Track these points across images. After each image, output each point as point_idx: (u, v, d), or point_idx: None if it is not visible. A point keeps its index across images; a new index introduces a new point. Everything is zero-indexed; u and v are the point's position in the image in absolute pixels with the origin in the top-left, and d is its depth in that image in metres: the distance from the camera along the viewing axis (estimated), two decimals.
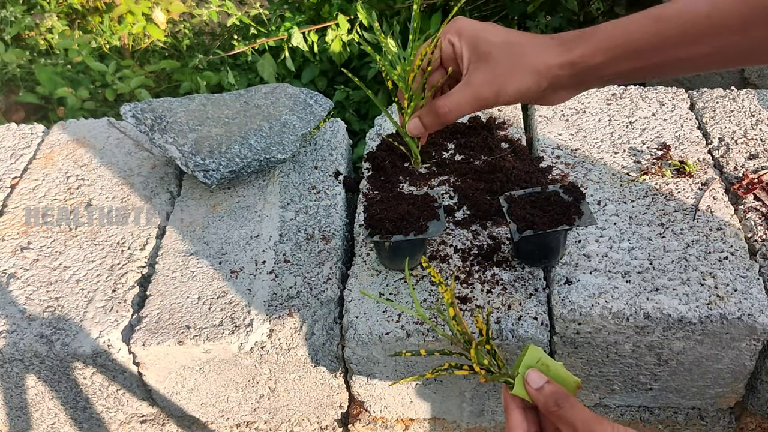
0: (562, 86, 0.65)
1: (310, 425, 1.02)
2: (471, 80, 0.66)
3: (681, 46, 0.59)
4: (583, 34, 0.62)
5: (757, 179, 0.98)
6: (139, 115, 1.07)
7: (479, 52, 0.66)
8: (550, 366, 0.62)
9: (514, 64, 0.64)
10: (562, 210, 0.84)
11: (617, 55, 0.61)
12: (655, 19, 0.59)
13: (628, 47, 0.60)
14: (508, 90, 0.64)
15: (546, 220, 0.83)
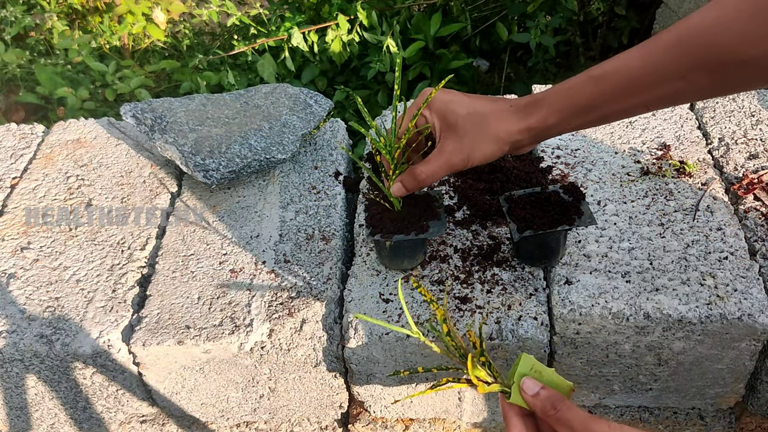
0: (522, 146, 0.75)
1: (310, 425, 1.02)
2: (443, 149, 0.76)
3: (621, 100, 0.65)
4: (536, 101, 0.71)
5: (757, 179, 0.98)
6: (139, 115, 1.07)
7: (448, 123, 0.76)
8: (543, 372, 0.64)
9: (478, 134, 0.74)
10: (562, 210, 0.84)
11: (566, 115, 0.69)
12: (594, 79, 0.66)
13: (575, 107, 0.68)
14: (475, 156, 0.75)
15: (546, 220, 0.83)
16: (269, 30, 2.28)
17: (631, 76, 0.64)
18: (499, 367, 0.88)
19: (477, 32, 2.24)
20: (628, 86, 0.64)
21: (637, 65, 0.63)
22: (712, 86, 0.61)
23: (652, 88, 0.63)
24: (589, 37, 2.34)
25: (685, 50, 0.60)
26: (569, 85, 0.69)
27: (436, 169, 0.77)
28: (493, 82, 2.33)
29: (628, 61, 0.64)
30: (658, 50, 0.62)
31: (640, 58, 0.63)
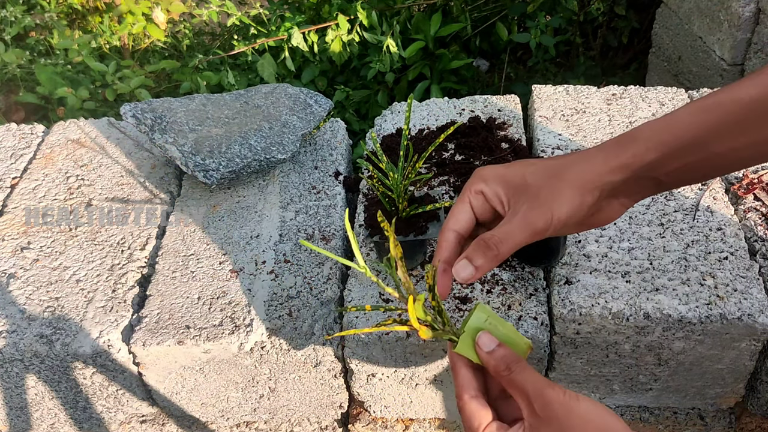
0: (615, 194, 0.59)
1: (310, 425, 1.02)
2: (516, 209, 0.59)
3: (732, 136, 0.55)
4: (630, 134, 0.58)
5: (757, 179, 0.98)
6: (139, 115, 1.07)
7: (516, 186, 0.60)
8: (500, 326, 0.59)
9: (558, 184, 0.58)
10: None
11: (668, 151, 0.56)
12: (700, 109, 0.56)
13: (678, 142, 0.56)
14: (560, 210, 0.57)
15: None
16: (269, 30, 2.28)
17: (744, 106, 0.54)
18: None
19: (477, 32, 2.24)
20: (741, 119, 0.54)
21: (749, 96, 0.54)
22: None
23: (765, 126, 0.54)
24: (589, 37, 2.34)
25: None
26: (671, 116, 0.58)
27: (511, 230, 0.58)
28: (493, 82, 2.33)
29: (741, 89, 0.55)
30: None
31: (756, 86, 0.54)
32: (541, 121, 1.13)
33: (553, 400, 0.53)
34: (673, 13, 2.00)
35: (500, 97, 1.20)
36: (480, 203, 0.62)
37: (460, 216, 0.62)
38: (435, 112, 1.18)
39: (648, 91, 1.18)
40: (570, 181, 0.58)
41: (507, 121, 1.14)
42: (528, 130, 1.16)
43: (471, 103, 1.19)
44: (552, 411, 0.53)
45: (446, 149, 1.10)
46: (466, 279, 0.59)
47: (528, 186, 0.59)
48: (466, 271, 0.59)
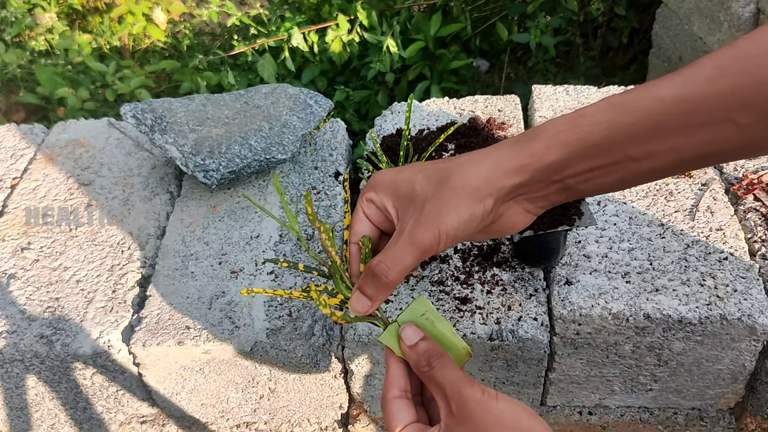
0: (514, 199, 0.54)
1: (310, 426, 1.02)
2: (402, 227, 0.53)
3: (647, 141, 0.48)
4: (533, 131, 0.52)
5: (757, 180, 0.98)
6: (139, 115, 1.07)
7: (403, 196, 0.54)
8: (436, 324, 0.56)
9: (444, 193, 0.52)
10: (562, 210, 0.84)
11: (572, 151, 0.50)
12: (613, 106, 0.49)
13: (584, 142, 0.50)
14: (448, 223, 0.51)
15: (546, 220, 0.83)
16: (269, 30, 2.28)
17: (663, 108, 0.47)
18: (499, 367, 0.88)
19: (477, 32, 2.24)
20: (658, 122, 0.48)
21: (672, 95, 0.47)
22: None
23: (688, 130, 0.47)
24: (589, 37, 2.34)
25: (731, 83, 0.45)
26: (578, 113, 0.51)
27: (398, 253, 0.53)
28: (493, 82, 2.33)
29: (659, 89, 0.48)
30: (700, 80, 0.46)
31: (676, 86, 0.47)
32: (541, 121, 1.13)
33: (470, 398, 0.51)
34: (673, 14, 2.00)
35: (500, 97, 1.20)
36: (374, 212, 0.58)
37: (357, 227, 0.58)
38: (435, 113, 1.18)
39: None
40: (457, 190, 0.52)
41: (507, 121, 1.14)
42: None
43: (471, 103, 1.19)
44: (467, 410, 0.50)
45: (446, 149, 1.10)
46: (364, 311, 0.56)
47: (415, 196, 0.53)
48: (361, 303, 0.55)
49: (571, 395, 0.94)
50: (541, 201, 0.54)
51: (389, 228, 0.58)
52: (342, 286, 0.58)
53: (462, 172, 0.52)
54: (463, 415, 0.50)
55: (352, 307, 0.56)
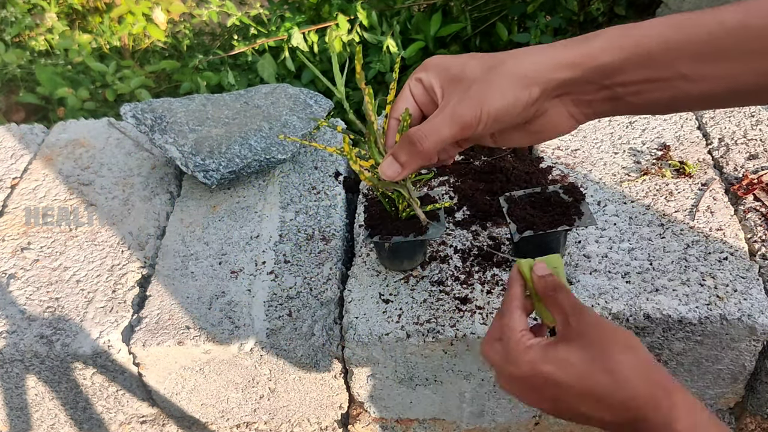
0: (561, 97, 0.54)
1: (310, 426, 1.02)
2: (446, 103, 0.56)
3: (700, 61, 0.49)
4: (585, 36, 0.52)
5: (756, 180, 0.98)
6: (139, 115, 1.07)
7: (451, 77, 0.56)
8: (562, 278, 0.62)
9: (493, 76, 0.53)
10: (562, 210, 0.84)
11: (627, 56, 0.50)
12: (670, 24, 0.50)
13: (639, 50, 0.50)
14: (492, 104, 0.53)
15: (546, 220, 0.83)
16: (269, 30, 2.28)
17: (723, 31, 0.48)
18: None
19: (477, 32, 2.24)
20: (716, 44, 0.48)
21: (733, 21, 0.47)
22: None
23: (746, 57, 0.48)
24: None
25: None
26: (636, 24, 0.51)
27: (437, 125, 0.55)
28: None
29: (721, 14, 0.48)
30: (763, 10, 0.47)
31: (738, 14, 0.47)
32: None
33: (588, 316, 0.55)
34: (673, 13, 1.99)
35: None
36: (420, 92, 0.59)
37: (399, 104, 0.60)
38: None
39: None
40: (507, 74, 0.53)
41: None
42: None
43: None
44: (585, 324, 0.55)
45: None
46: (393, 176, 0.58)
47: (464, 78, 0.54)
48: (392, 168, 0.58)
49: None
50: (587, 107, 0.55)
51: (431, 111, 0.59)
52: (374, 150, 0.60)
53: (514, 60, 0.53)
54: (581, 329, 0.55)
55: (381, 171, 0.58)
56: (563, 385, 0.53)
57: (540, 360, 0.54)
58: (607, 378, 0.52)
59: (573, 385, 0.53)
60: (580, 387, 0.53)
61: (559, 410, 0.55)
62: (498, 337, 0.58)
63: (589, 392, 0.52)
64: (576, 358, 0.53)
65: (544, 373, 0.54)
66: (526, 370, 0.55)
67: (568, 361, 0.53)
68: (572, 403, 0.54)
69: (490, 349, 0.58)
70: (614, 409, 0.52)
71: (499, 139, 0.60)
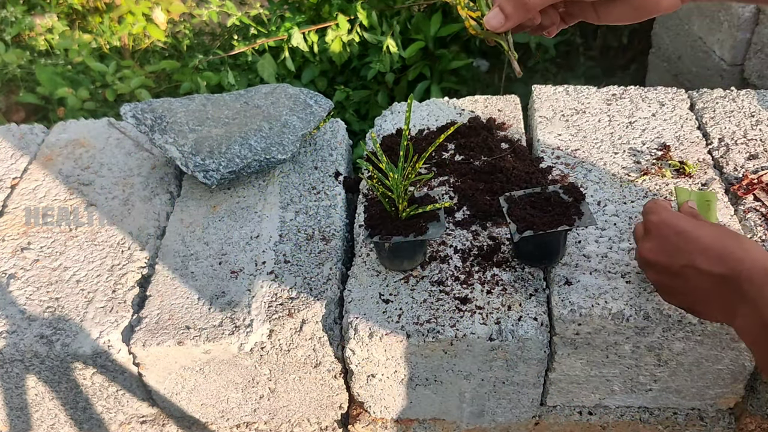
0: None
1: (310, 426, 1.02)
2: None
3: None
4: None
5: (756, 180, 0.98)
6: (139, 115, 1.07)
7: None
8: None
9: None
10: (562, 210, 0.84)
11: None
12: None
13: None
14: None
15: (546, 220, 0.83)
16: (269, 30, 2.28)
17: None
18: (499, 367, 0.88)
19: None
20: None
21: None
22: None
23: None
24: (588, 37, 2.34)
25: None
26: None
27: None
28: (493, 82, 2.33)
29: None
30: None
31: None
32: (541, 121, 1.13)
33: None
34: (673, 13, 2.00)
35: (500, 97, 1.20)
36: None
37: None
38: (435, 113, 1.18)
39: (648, 92, 1.18)
40: None
41: (507, 121, 1.14)
42: (528, 131, 1.16)
43: (471, 103, 1.19)
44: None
45: (446, 149, 1.10)
46: (497, 27, 0.61)
47: None
48: (497, 18, 0.60)
49: (571, 395, 0.94)
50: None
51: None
52: (483, 2, 0.63)
53: None
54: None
55: (487, 20, 0.62)
56: (688, 233, 0.68)
57: (676, 217, 0.71)
58: (716, 230, 0.67)
59: (693, 233, 0.68)
60: (696, 235, 0.67)
61: (673, 260, 0.68)
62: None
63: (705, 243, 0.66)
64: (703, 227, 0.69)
65: (680, 226, 0.69)
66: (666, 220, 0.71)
67: (695, 222, 0.70)
68: (688, 252, 0.66)
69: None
70: (720, 257, 0.64)
71: (602, 13, 0.61)
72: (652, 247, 0.71)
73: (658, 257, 0.70)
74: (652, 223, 0.71)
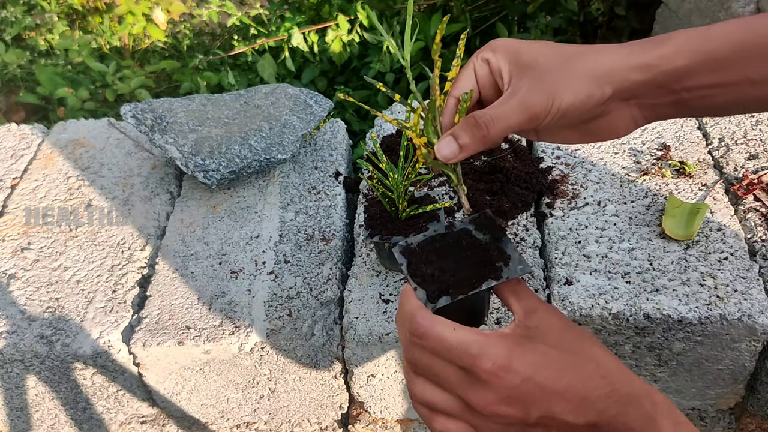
0: (628, 99, 0.53)
1: (310, 426, 1.02)
2: (516, 89, 0.53)
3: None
4: (656, 39, 0.52)
5: (757, 180, 0.98)
6: (139, 115, 1.07)
7: (522, 63, 0.54)
8: None
9: (568, 69, 0.52)
10: (479, 255, 0.62)
11: (701, 61, 0.50)
12: (745, 25, 0.50)
13: (713, 54, 0.50)
14: (564, 97, 0.51)
15: (464, 275, 0.60)
16: (269, 30, 2.28)
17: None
18: None
19: (477, 32, 2.24)
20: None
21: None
22: None
23: None
24: (589, 37, 2.34)
25: None
26: (711, 27, 0.51)
27: (505, 110, 0.52)
28: None
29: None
30: None
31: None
32: None
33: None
34: (673, 14, 2.00)
35: None
36: (485, 73, 0.56)
37: (462, 83, 0.57)
38: None
39: None
40: (583, 69, 0.52)
41: None
42: None
43: None
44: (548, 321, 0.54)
45: None
46: (449, 157, 0.54)
47: (536, 66, 0.53)
48: (449, 148, 0.54)
49: None
50: (650, 111, 0.54)
51: (491, 96, 0.57)
52: (430, 128, 0.57)
53: (591, 56, 0.53)
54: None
55: (438, 149, 0.55)
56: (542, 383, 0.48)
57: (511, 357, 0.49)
58: (591, 367, 0.49)
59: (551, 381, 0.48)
60: (561, 383, 0.48)
61: (529, 412, 0.48)
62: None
63: (570, 389, 0.48)
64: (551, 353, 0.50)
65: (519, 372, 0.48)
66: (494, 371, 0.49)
67: (545, 354, 0.49)
68: (545, 401, 0.48)
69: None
70: (596, 402, 0.48)
71: (545, 134, 0.58)
72: (494, 399, 0.49)
73: (507, 410, 0.49)
74: (485, 371, 0.49)
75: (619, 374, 0.49)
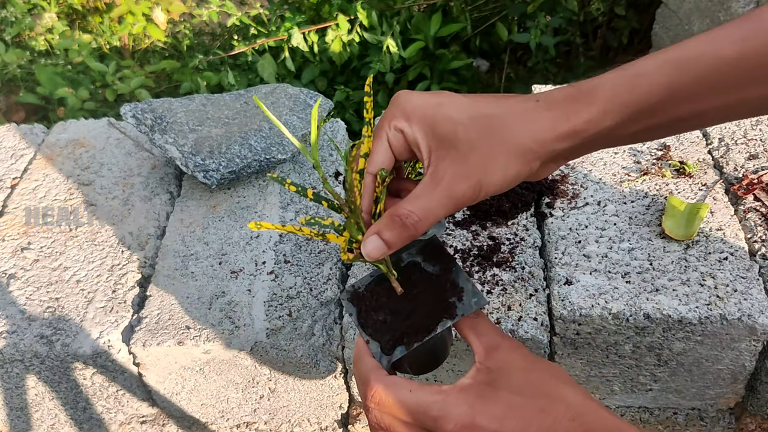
0: (557, 160, 0.52)
1: (310, 426, 1.02)
2: (438, 175, 0.50)
3: (703, 98, 0.48)
4: (582, 93, 0.49)
5: (757, 180, 0.98)
6: (139, 115, 1.07)
7: (440, 136, 0.50)
8: None
9: (493, 147, 0.49)
10: (431, 290, 0.57)
11: (629, 114, 0.49)
12: (673, 64, 0.48)
13: (641, 105, 0.48)
14: (491, 181, 0.49)
15: (417, 316, 0.56)
16: (269, 30, 2.28)
17: (724, 68, 0.47)
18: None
19: (477, 32, 2.24)
20: (717, 81, 0.47)
21: (733, 54, 0.46)
22: None
23: (744, 88, 0.47)
24: (589, 37, 2.34)
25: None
26: (635, 71, 0.49)
27: (431, 205, 0.50)
28: (493, 82, 2.33)
29: (720, 47, 0.47)
30: (760, 35, 0.46)
31: (737, 43, 0.46)
32: None
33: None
34: (673, 14, 2.00)
35: None
36: (400, 144, 0.53)
37: (378, 157, 0.54)
38: None
39: None
40: (508, 144, 0.49)
41: None
42: None
43: None
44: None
45: None
46: (378, 256, 0.51)
47: (457, 143, 0.49)
48: (376, 247, 0.51)
49: None
50: (574, 156, 0.53)
51: (408, 158, 0.55)
52: (354, 228, 0.54)
53: (513, 125, 0.49)
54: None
55: (366, 250, 0.52)
56: None
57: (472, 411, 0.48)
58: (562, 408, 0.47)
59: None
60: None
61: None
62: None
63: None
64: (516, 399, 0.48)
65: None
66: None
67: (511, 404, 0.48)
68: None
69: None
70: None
71: None
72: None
73: None
74: None
75: (590, 413, 0.48)
